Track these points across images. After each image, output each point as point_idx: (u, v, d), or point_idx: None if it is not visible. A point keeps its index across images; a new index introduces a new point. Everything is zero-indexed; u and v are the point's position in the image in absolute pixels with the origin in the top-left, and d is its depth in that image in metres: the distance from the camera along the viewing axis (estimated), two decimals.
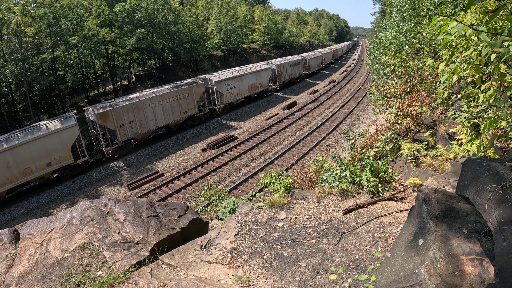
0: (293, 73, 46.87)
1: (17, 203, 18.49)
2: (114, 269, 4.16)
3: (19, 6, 25.13)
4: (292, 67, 45.86)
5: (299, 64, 48.59)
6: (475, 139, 5.84)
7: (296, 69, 47.51)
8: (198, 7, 64.27)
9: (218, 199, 11.43)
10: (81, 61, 36.29)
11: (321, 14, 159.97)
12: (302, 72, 50.46)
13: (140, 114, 23.45)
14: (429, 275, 2.54)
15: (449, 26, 3.07)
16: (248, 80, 35.11)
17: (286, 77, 44.19)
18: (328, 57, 70.83)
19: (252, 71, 35.65)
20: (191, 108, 27.85)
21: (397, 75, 10.73)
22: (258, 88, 37.17)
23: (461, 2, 10.50)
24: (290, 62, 45.23)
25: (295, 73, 47.53)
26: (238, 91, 33.62)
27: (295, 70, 47.33)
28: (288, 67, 44.56)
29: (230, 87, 32.19)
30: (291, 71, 45.69)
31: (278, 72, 42.12)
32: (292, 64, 45.91)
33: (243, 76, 34.16)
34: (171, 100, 25.78)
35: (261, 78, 37.13)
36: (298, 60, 48.65)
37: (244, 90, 34.74)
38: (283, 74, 43.28)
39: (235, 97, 33.48)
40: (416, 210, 3.24)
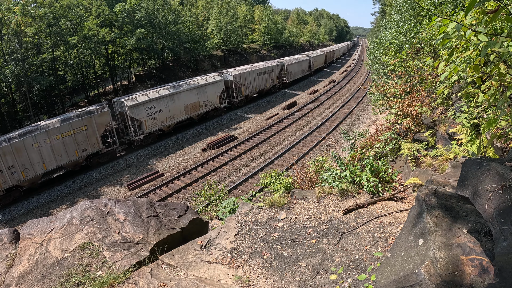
0: (262, 84, 37.80)
1: (17, 203, 18.49)
2: (114, 269, 4.16)
3: (19, 6, 25.13)
4: (260, 77, 37.00)
5: (271, 72, 39.61)
6: (475, 139, 5.84)
7: (267, 78, 38.54)
8: (198, 7, 64.27)
9: (218, 199, 11.43)
10: (81, 61, 36.29)
11: (321, 14, 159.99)
12: (277, 81, 41.32)
13: (21, 158, 17.82)
14: (429, 275, 2.54)
15: (448, 27, 3.07)
16: (185, 98, 26.91)
17: (249, 90, 35.33)
18: (319, 61, 60.62)
19: (191, 86, 27.48)
20: (92, 144, 21.25)
21: (397, 75, 10.73)
22: (202, 108, 28.78)
23: (461, 2, 10.50)
24: (257, 71, 36.49)
25: (266, 83, 38.46)
26: (168, 114, 25.51)
27: (265, 80, 38.31)
28: (253, 77, 35.74)
29: (153, 111, 24.42)
30: (258, 82, 36.75)
31: (237, 84, 33.25)
32: (260, 72, 37.01)
33: (176, 94, 26.09)
34: (63, 136, 19.62)
35: (206, 95, 28.80)
36: (270, 67, 39.34)
37: (178, 113, 26.49)
38: (245, 86, 34.43)
39: (163, 124, 25.26)
40: (416, 210, 3.24)
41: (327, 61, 67.78)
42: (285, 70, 43.65)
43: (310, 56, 54.63)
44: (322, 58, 62.71)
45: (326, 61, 66.64)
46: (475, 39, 3.29)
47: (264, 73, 37.95)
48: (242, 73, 33.90)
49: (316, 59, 58.04)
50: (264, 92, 39.78)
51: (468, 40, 3.35)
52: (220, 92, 30.61)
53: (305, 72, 52.13)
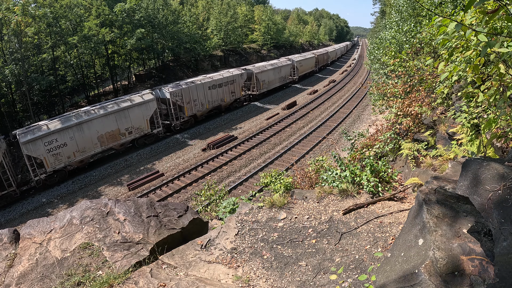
0: (218, 99, 30.44)
1: (17, 203, 18.49)
2: (114, 269, 4.16)
3: (19, 6, 25.14)
4: (213, 91, 29.54)
5: (232, 83, 31.82)
6: (475, 139, 5.84)
7: (225, 91, 31.12)
8: (198, 7, 64.29)
9: (218, 199, 11.43)
10: (81, 61, 36.32)
11: (321, 14, 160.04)
12: (241, 94, 33.71)
13: None
14: (429, 275, 2.54)
15: (448, 27, 3.08)
16: (99, 127, 20.93)
17: (197, 108, 28.25)
18: (307, 65, 52.26)
19: (108, 111, 21.37)
20: None
21: (397, 75, 10.73)
22: (125, 137, 22.71)
23: (461, 2, 10.50)
24: (209, 83, 28.87)
25: (223, 97, 31.03)
26: (76, 148, 19.98)
27: (223, 94, 30.94)
28: (203, 91, 28.24)
29: (55, 145, 19.08)
30: (211, 97, 29.44)
31: (177, 102, 26.15)
32: (214, 85, 29.49)
33: (86, 123, 20.19)
34: None
35: (129, 120, 22.52)
36: (230, 77, 31.34)
37: (91, 145, 20.82)
38: (190, 104, 27.22)
39: (70, 159, 19.95)
40: (416, 210, 3.24)
41: (319, 64, 59.36)
42: (255, 79, 35.71)
43: (294, 60, 46.20)
44: (311, 62, 54.15)
45: (317, 64, 58.36)
46: (475, 39, 3.29)
47: (221, 85, 30.30)
48: (184, 88, 26.36)
49: (302, 63, 49.45)
50: (223, 108, 32.24)
51: (468, 40, 3.35)
52: (150, 114, 23.89)
53: (286, 79, 43.53)
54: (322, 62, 63.31)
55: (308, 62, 52.69)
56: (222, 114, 32.02)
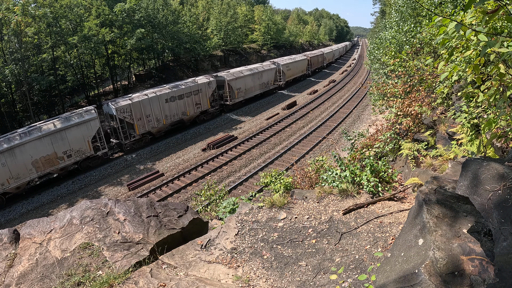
0: (179, 112, 26.42)
1: (17, 203, 18.49)
2: (114, 269, 4.16)
3: (19, 6, 25.14)
4: (172, 103, 25.72)
5: (197, 93, 27.89)
6: (475, 139, 5.84)
7: (188, 103, 27.09)
8: (198, 7, 64.29)
9: (218, 199, 11.43)
10: (81, 61, 36.31)
11: (321, 14, 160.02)
12: (209, 105, 29.56)
13: None
14: (429, 275, 2.54)
15: (448, 27, 3.07)
16: (32, 151, 18.43)
17: (152, 125, 24.60)
18: (296, 69, 46.61)
19: (42, 133, 18.69)
20: None
21: (397, 75, 10.73)
22: (64, 161, 19.86)
23: (461, 2, 10.50)
24: (167, 95, 25.20)
25: (186, 110, 26.81)
26: (9, 175, 17.74)
27: (186, 106, 26.89)
28: (159, 105, 24.66)
29: None
30: (170, 111, 25.62)
31: (125, 119, 22.80)
32: (173, 97, 25.66)
33: (18, 147, 17.82)
34: None
35: (67, 142, 19.64)
36: (195, 87, 27.51)
37: (25, 171, 18.31)
38: (142, 120, 23.78)
39: (4, 187, 17.71)
40: (416, 210, 3.24)
41: (312, 67, 54.96)
42: (227, 87, 31.44)
43: (280, 64, 41.42)
44: (301, 65, 49.11)
45: (310, 67, 53.85)
46: (475, 39, 3.29)
47: (181, 97, 26.24)
48: (134, 103, 22.83)
49: (290, 66, 44.20)
50: (187, 122, 28.24)
51: (468, 40, 3.35)
52: (92, 134, 20.96)
53: (269, 86, 38.97)
54: (316, 64, 58.12)
55: (297, 65, 47.55)
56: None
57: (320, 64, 61.40)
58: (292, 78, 46.46)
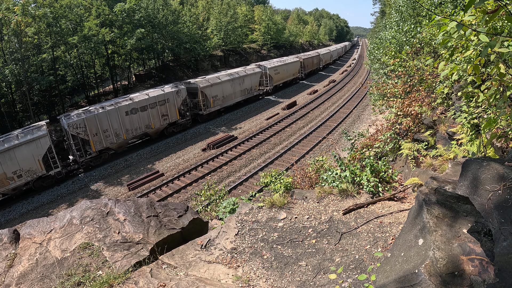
0: (142, 125, 23.98)
1: (17, 203, 18.49)
2: (114, 269, 4.16)
3: (19, 6, 25.15)
4: (133, 116, 23.05)
5: (163, 103, 24.99)
6: (475, 139, 5.84)
7: (153, 115, 24.56)
8: (198, 7, 64.30)
9: (218, 199, 11.43)
10: (81, 61, 36.34)
11: (321, 14, 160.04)
12: (178, 116, 26.52)
13: None
14: (429, 275, 2.54)
15: (448, 26, 3.07)
16: None
17: (110, 141, 21.98)
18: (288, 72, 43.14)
19: None
20: None
21: (397, 75, 10.73)
22: (14, 181, 18.08)
23: (461, 2, 10.50)
24: (128, 107, 22.56)
25: (150, 123, 24.43)
26: None
27: (150, 118, 24.33)
28: (117, 119, 21.99)
29: None
30: (131, 124, 23.03)
31: (78, 135, 20.46)
32: (134, 109, 22.98)
33: None
34: None
35: (16, 162, 17.99)
36: (160, 96, 24.68)
37: None
38: (98, 136, 21.26)
39: None
40: (416, 210, 3.24)
41: (305, 70, 51.27)
42: (201, 95, 28.24)
43: (266, 67, 37.75)
44: (293, 68, 45.09)
45: (303, 70, 50.31)
46: (475, 39, 3.29)
47: (145, 108, 23.62)
48: (89, 117, 20.40)
49: (278, 70, 40.21)
50: (155, 135, 25.51)
51: (468, 39, 3.35)
52: (43, 153, 19.10)
53: (252, 92, 35.45)
54: (311, 66, 54.37)
55: (288, 68, 43.28)
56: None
57: (316, 66, 57.77)
58: (281, 82, 42.67)
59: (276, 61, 42.50)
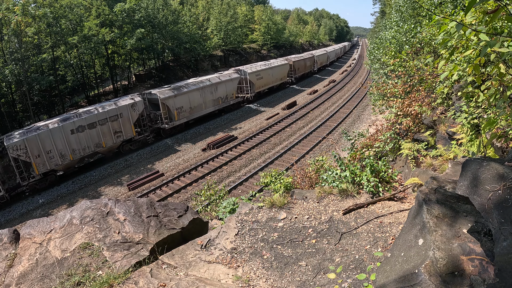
0: (91, 144, 21.14)
1: (17, 203, 18.48)
2: (114, 269, 4.16)
3: (19, 6, 25.15)
4: (81, 134, 20.38)
5: (116, 118, 22.17)
6: (475, 139, 5.84)
7: (102, 133, 21.47)
8: (198, 7, 64.29)
9: (218, 199, 11.43)
10: (81, 61, 36.34)
11: (321, 14, 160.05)
12: (134, 133, 23.26)
13: None
14: (429, 275, 2.54)
15: (448, 25, 3.07)
16: None
17: (56, 162, 19.46)
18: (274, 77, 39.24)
19: None
20: None
21: (397, 75, 10.74)
22: None
23: (461, 2, 10.50)
24: (73, 124, 19.91)
25: (100, 141, 21.49)
26: None
27: (99, 137, 21.41)
28: (62, 138, 19.51)
29: None
30: (77, 144, 20.28)
31: (22, 157, 18.16)
32: (81, 127, 20.32)
33: None
34: None
35: None
36: (110, 113, 21.75)
37: None
38: (41, 158, 18.82)
39: None
40: (416, 210, 3.24)
41: (296, 73, 47.02)
42: (163, 107, 25.06)
43: (247, 72, 33.85)
44: (280, 72, 40.77)
45: (293, 73, 45.97)
46: (475, 38, 3.29)
47: (94, 125, 20.96)
48: (30, 138, 18.18)
49: (262, 75, 36.03)
50: (109, 154, 23.11)
51: (468, 39, 3.35)
52: None
53: (228, 100, 31.86)
54: (303, 69, 49.85)
55: (273, 72, 39.11)
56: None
57: (309, 69, 53.71)
58: (266, 88, 38.91)
59: (260, 65, 38.81)
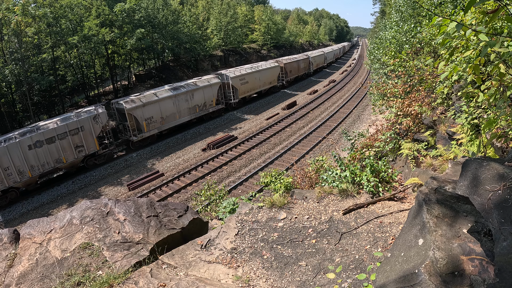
0: (51, 161, 19.52)
1: (17, 203, 18.48)
2: (114, 269, 4.16)
3: (19, 6, 25.14)
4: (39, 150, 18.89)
5: (77, 132, 20.46)
6: (475, 139, 5.84)
7: (61, 148, 19.77)
8: (198, 7, 64.28)
9: (218, 199, 11.43)
10: (81, 61, 36.33)
11: (321, 14, 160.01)
12: (97, 147, 21.77)
13: None
14: (429, 275, 2.54)
15: (448, 26, 3.07)
16: None
17: (14, 179, 18.13)
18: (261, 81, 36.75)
19: None
20: None
21: (397, 75, 10.74)
22: None
23: (461, 2, 10.50)
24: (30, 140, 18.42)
25: (60, 157, 19.81)
26: None
27: (59, 152, 19.73)
28: (19, 154, 18.14)
29: None
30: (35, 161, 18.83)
31: None
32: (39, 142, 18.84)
33: None
34: None
35: None
36: (71, 126, 20.04)
37: None
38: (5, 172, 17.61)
39: None
40: (416, 210, 3.24)
41: (287, 76, 44.19)
42: (129, 117, 23.27)
43: (229, 76, 31.72)
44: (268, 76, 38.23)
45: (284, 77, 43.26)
46: (475, 39, 3.29)
47: (52, 140, 19.30)
48: None
49: (247, 79, 34.00)
50: (72, 169, 21.43)
51: (468, 39, 3.35)
52: None
53: (207, 108, 29.54)
54: (296, 72, 47.06)
55: (261, 76, 36.47)
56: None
57: (303, 72, 50.95)
58: (253, 93, 36.54)
59: (246, 68, 36.18)
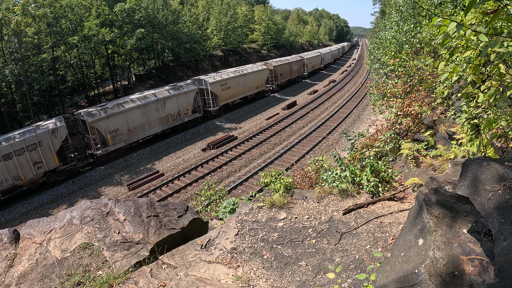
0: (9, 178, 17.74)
1: (17, 203, 18.48)
2: (114, 269, 4.16)
3: (19, 6, 25.15)
4: None
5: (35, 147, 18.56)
6: (475, 139, 5.84)
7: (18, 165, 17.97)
8: (198, 7, 64.30)
9: (218, 199, 11.43)
10: (81, 61, 36.35)
11: (321, 14, 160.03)
12: (57, 163, 19.76)
13: None
14: (429, 275, 2.54)
15: (448, 27, 3.07)
16: None
17: None
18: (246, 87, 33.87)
19: None
20: None
21: (397, 75, 10.74)
22: None
23: (461, 2, 10.50)
24: None
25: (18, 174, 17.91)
26: None
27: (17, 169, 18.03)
28: None
29: None
30: None
31: None
32: None
33: None
34: None
35: None
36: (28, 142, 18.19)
37: None
38: None
39: None
40: (416, 210, 3.24)
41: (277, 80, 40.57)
42: (91, 131, 21.41)
43: (208, 82, 28.74)
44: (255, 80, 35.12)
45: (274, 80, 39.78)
46: (475, 39, 3.29)
47: (9, 156, 17.77)
48: None
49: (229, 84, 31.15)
50: (33, 186, 19.67)
51: (468, 40, 3.35)
52: None
53: (182, 117, 27.22)
54: (288, 75, 43.39)
55: (245, 81, 33.43)
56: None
57: (296, 74, 47.06)
58: (236, 99, 33.62)
59: (228, 72, 33.11)
